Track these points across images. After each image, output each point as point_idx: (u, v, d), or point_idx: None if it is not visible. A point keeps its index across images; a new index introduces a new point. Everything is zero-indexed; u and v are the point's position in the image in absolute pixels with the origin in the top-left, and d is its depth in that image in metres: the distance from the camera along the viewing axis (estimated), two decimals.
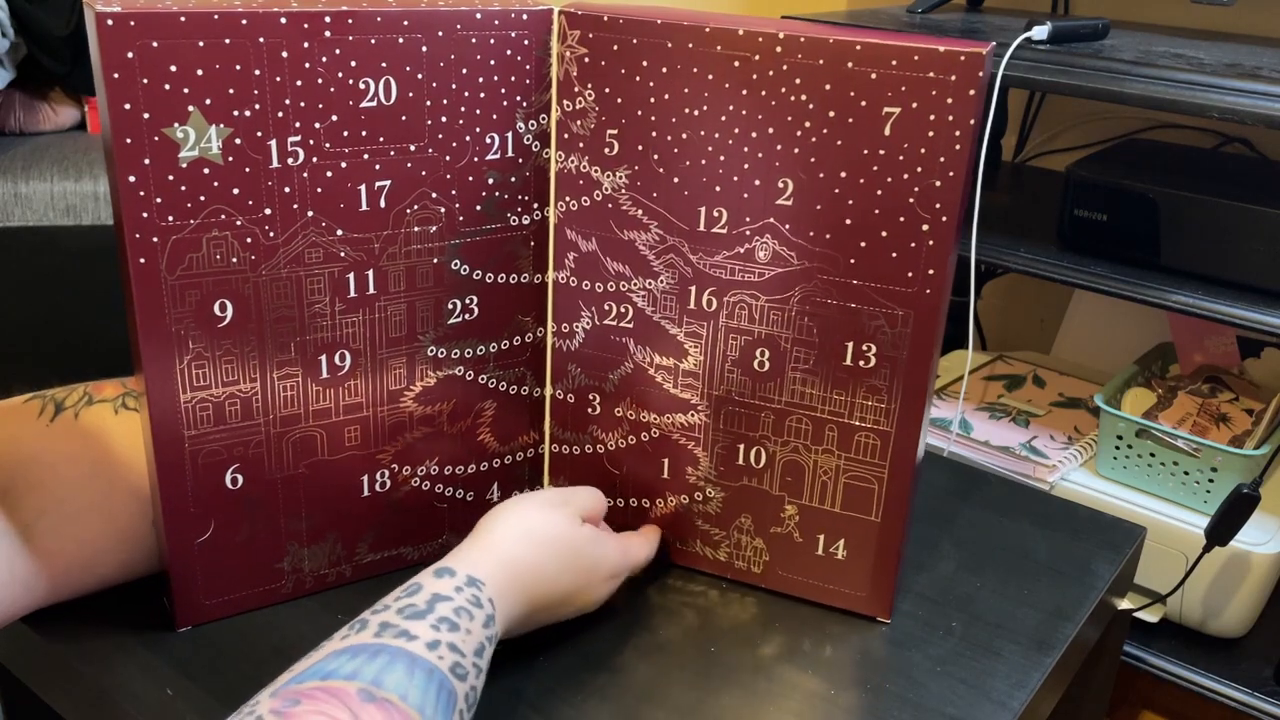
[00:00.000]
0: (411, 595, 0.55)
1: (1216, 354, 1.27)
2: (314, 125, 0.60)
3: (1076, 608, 0.74)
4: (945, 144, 0.60)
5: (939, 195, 0.61)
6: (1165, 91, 0.97)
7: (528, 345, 0.73)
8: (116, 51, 0.54)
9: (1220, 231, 1.03)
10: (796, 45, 0.61)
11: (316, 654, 0.52)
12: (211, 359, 0.61)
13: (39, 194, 1.71)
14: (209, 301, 0.60)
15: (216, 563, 0.66)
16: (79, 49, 1.86)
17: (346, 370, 0.66)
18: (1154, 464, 1.11)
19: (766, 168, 0.64)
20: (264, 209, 0.60)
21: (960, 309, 1.54)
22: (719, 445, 0.71)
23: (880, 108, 0.60)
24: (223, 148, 0.58)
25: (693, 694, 0.64)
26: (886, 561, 0.70)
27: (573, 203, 0.69)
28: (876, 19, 1.25)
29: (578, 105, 0.67)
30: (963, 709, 0.64)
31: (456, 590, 0.56)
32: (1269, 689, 1.06)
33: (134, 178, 0.56)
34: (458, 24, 0.63)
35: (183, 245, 0.59)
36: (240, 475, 0.65)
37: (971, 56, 0.58)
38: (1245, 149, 1.37)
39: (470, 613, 0.55)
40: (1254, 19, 1.33)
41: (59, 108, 1.94)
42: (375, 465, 0.69)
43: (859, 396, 0.67)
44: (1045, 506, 0.87)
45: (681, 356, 0.70)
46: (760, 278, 0.66)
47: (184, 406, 0.62)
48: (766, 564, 0.73)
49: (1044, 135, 1.55)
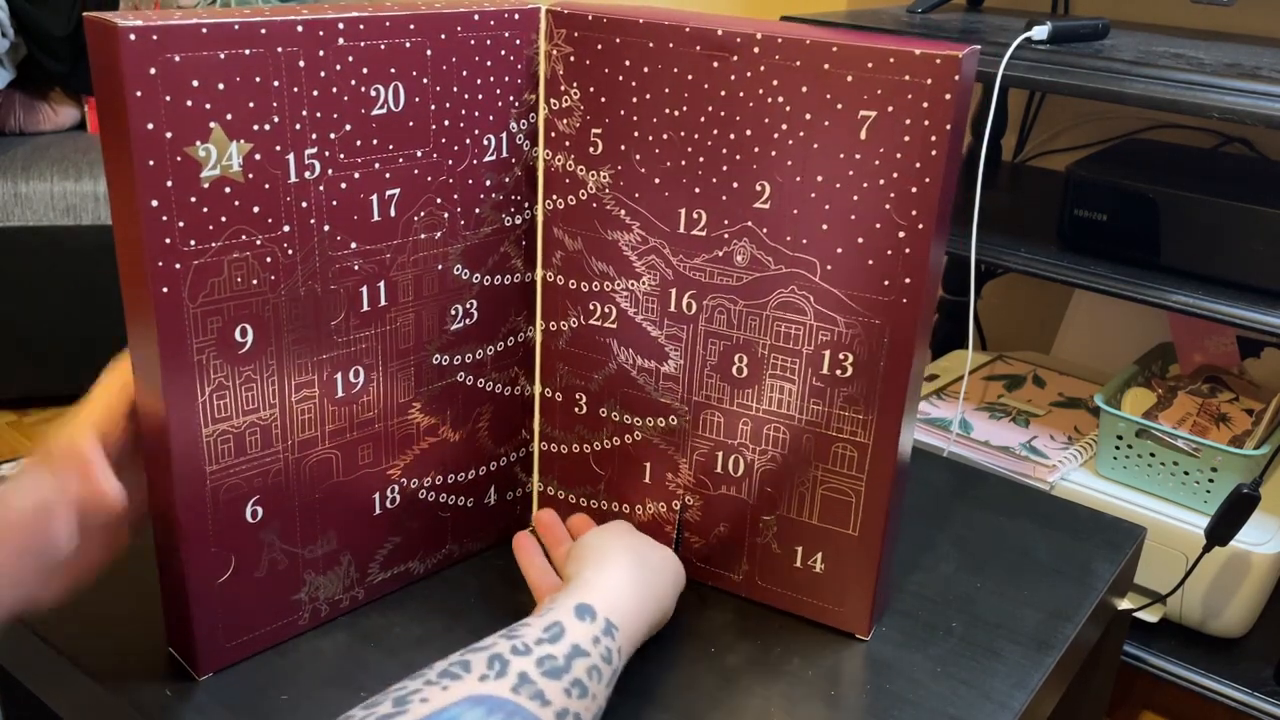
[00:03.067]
0: (554, 642, 0.54)
1: (1216, 354, 1.27)
2: (329, 136, 0.59)
3: (1076, 608, 0.74)
4: (921, 149, 0.58)
5: (915, 202, 0.59)
6: (1165, 91, 0.97)
7: (520, 344, 0.73)
8: (139, 68, 0.51)
9: (1220, 231, 1.03)
10: (774, 46, 0.60)
11: (455, 688, 0.50)
12: (232, 388, 0.59)
13: (39, 194, 1.71)
14: (231, 327, 0.58)
15: (237, 602, 0.63)
16: (79, 49, 1.86)
17: (360, 386, 0.65)
18: (1154, 464, 1.11)
19: (744, 169, 0.63)
20: (283, 226, 0.58)
21: (960, 309, 1.55)
22: (698, 452, 0.71)
23: (856, 111, 0.59)
24: (243, 164, 0.56)
25: (694, 696, 0.64)
26: (865, 576, 0.68)
27: (560, 201, 0.69)
28: (876, 19, 1.25)
29: (564, 104, 0.67)
30: (963, 709, 0.64)
31: (594, 641, 0.56)
32: (1269, 689, 1.06)
33: (156, 202, 0.53)
34: (458, 25, 0.62)
35: (205, 270, 0.56)
36: (260, 508, 0.62)
37: (947, 60, 0.57)
38: (1245, 149, 1.37)
39: (600, 672, 0.55)
40: (1254, 19, 1.33)
41: (59, 108, 1.94)
42: (386, 481, 0.68)
43: (836, 407, 0.65)
44: (1045, 506, 0.87)
45: (662, 359, 0.70)
46: (738, 282, 0.66)
47: (205, 441, 0.59)
48: (746, 573, 0.72)
49: (1044, 135, 1.55)
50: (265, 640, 0.66)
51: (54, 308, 1.73)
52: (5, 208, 1.70)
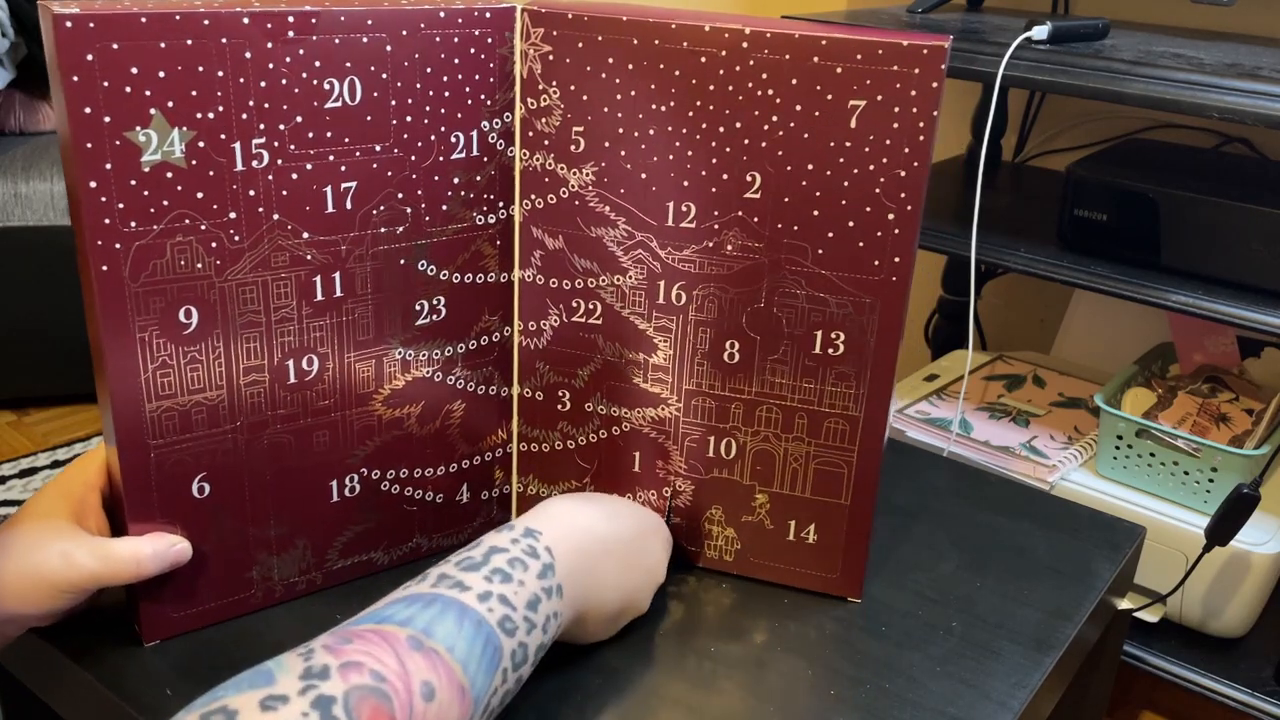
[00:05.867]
0: (470, 549, 0.58)
1: (1216, 354, 1.27)
2: (278, 127, 0.60)
3: (1076, 608, 0.74)
4: (909, 135, 0.61)
5: (904, 185, 0.62)
6: (1165, 91, 0.97)
7: (495, 345, 0.73)
8: (75, 54, 0.53)
9: (1220, 231, 1.03)
10: (763, 41, 0.62)
11: (381, 600, 0.54)
12: (177, 366, 0.61)
13: (39, 194, 1.71)
14: (174, 308, 0.59)
15: (184, 574, 0.64)
16: None
17: (314, 374, 0.66)
18: (1154, 464, 1.11)
19: (734, 161, 0.65)
20: (228, 213, 0.60)
21: (960, 309, 1.55)
22: (690, 438, 0.72)
23: (846, 101, 0.62)
24: (186, 151, 0.57)
25: (692, 693, 0.64)
26: (857, 542, 0.71)
27: (538, 200, 0.70)
28: (876, 19, 1.25)
29: (542, 103, 0.67)
30: (963, 709, 0.64)
31: (512, 542, 0.58)
32: (1269, 689, 1.06)
33: (95, 183, 0.55)
34: (421, 23, 0.63)
35: (146, 251, 0.58)
36: (207, 484, 0.64)
37: (934, 50, 0.60)
38: (1245, 149, 1.37)
39: (524, 563, 0.57)
40: (1254, 19, 1.33)
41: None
42: (345, 469, 0.69)
43: (828, 384, 0.68)
44: (1045, 506, 0.87)
45: (651, 351, 0.70)
46: (729, 270, 0.67)
47: (149, 415, 0.60)
48: (738, 552, 0.74)
49: (1044, 135, 1.55)
50: (216, 614, 0.67)
51: (54, 308, 1.73)
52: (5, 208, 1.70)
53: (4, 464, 1.67)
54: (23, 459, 1.68)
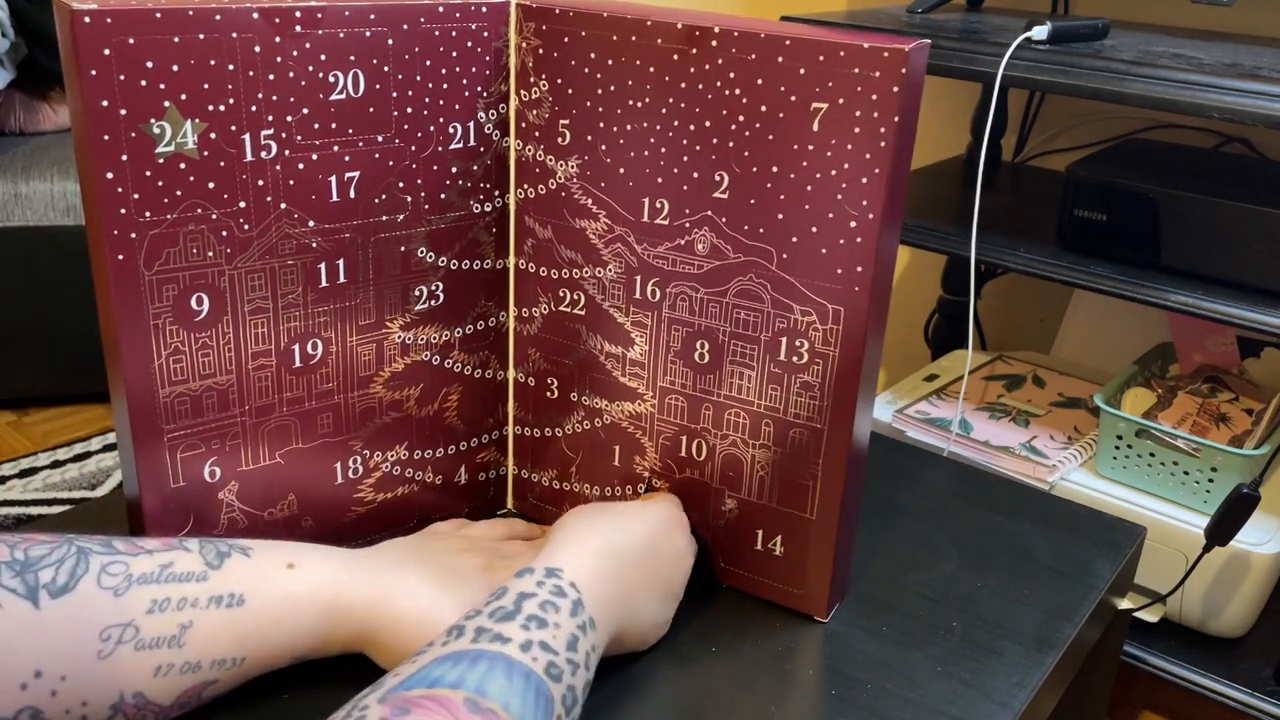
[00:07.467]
0: (499, 597, 0.56)
1: (1216, 354, 1.27)
2: (286, 119, 0.61)
3: (1076, 608, 0.74)
4: (870, 141, 0.60)
5: (865, 192, 0.61)
6: (1165, 91, 0.97)
7: (491, 329, 0.75)
8: (93, 49, 0.54)
9: (1220, 231, 1.03)
10: (730, 39, 0.62)
11: (421, 658, 0.51)
12: (189, 352, 0.62)
13: (39, 194, 1.71)
14: (186, 296, 0.61)
15: None
16: None
17: (319, 358, 0.67)
18: (1154, 464, 1.11)
19: (704, 160, 0.65)
20: (238, 202, 0.61)
21: (960, 309, 1.55)
22: (663, 436, 0.72)
23: (809, 103, 0.61)
24: (198, 142, 0.59)
25: (692, 693, 0.64)
26: (823, 560, 0.69)
27: (530, 190, 0.71)
28: (875, 19, 1.25)
29: (533, 95, 0.69)
30: (963, 709, 0.64)
31: (538, 585, 0.57)
32: (1269, 689, 1.07)
33: (111, 174, 0.57)
34: (421, 17, 0.64)
35: (160, 240, 0.59)
36: (218, 468, 0.65)
37: (895, 53, 0.58)
38: (1245, 149, 1.37)
39: (555, 605, 0.56)
40: (1254, 19, 1.33)
41: (59, 108, 1.94)
42: (348, 452, 0.71)
43: (793, 392, 0.67)
44: (1045, 506, 0.87)
45: (628, 345, 0.71)
46: (699, 270, 0.67)
47: (162, 402, 0.62)
48: (710, 557, 0.74)
49: (1044, 135, 1.55)
50: None
51: (54, 308, 1.73)
52: (5, 208, 1.70)
53: (4, 464, 1.67)
54: (23, 459, 1.68)
